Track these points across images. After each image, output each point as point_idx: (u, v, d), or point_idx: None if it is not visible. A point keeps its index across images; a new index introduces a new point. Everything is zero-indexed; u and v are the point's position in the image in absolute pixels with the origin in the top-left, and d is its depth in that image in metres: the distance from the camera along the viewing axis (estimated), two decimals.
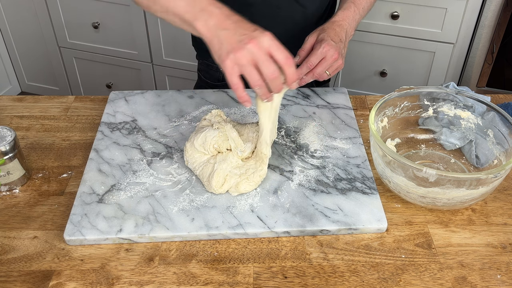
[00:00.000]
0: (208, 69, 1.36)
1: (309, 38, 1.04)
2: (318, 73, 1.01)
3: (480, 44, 1.95)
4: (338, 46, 1.01)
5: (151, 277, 0.78)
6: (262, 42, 0.77)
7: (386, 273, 0.79)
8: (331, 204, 0.88)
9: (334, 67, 1.03)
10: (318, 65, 1.01)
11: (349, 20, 1.08)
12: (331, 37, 1.02)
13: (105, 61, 2.49)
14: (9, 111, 1.15)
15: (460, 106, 1.00)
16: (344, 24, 1.07)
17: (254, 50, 0.77)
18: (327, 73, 1.02)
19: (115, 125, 1.07)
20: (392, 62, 2.13)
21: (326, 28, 1.04)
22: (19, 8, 2.48)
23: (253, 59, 0.78)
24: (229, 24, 0.80)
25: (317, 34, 1.04)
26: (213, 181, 0.88)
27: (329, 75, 1.03)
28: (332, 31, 1.04)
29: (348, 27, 1.07)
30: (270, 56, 0.78)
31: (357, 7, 1.10)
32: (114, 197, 0.89)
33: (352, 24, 1.09)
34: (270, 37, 0.79)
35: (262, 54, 0.77)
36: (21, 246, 0.83)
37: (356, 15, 1.10)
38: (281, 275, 0.78)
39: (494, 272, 0.79)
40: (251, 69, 0.78)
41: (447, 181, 0.81)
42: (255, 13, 1.17)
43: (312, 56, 1.00)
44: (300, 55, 1.03)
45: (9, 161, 0.91)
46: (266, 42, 0.78)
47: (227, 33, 0.79)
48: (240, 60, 0.77)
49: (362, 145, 1.02)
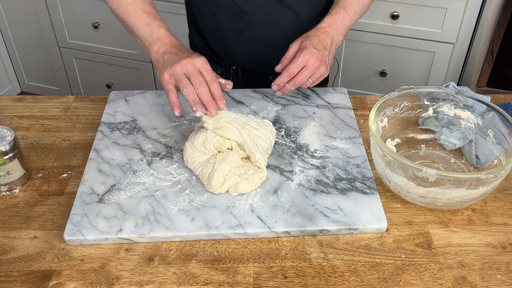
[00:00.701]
0: None
1: (292, 45, 1.03)
2: (300, 81, 1.00)
3: (480, 44, 1.95)
4: (321, 54, 1.00)
5: (151, 277, 0.78)
6: (195, 62, 0.94)
7: (386, 273, 0.79)
8: (331, 204, 0.88)
9: (317, 75, 1.01)
10: (299, 74, 0.99)
11: (336, 26, 1.06)
12: (314, 45, 1.00)
13: (105, 61, 2.49)
14: (9, 111, 1.15)
15: (460, 106, 1.00)
16: (330, 30, 1.05)
17: (187, 67, 0.93)
18: (310, 81, 1.01)
19: (115, 125, 1.07)
20: (392, 62, 2.13)
21: (311, 35, 1.03)
22: (19, 8, 2.48)
23: (186, 72, 0.93)
24: (174, 51, 0.98)
25: (301, 42, 1.02)
26: (213, 180, 0.88)
27: (312, 83, 1.02)
28: (316, 38, 1.02)
29: (334, 33, 1.05)
30: (200, 73, 0.94)
31: (347, 12, 1.08)
32: (114, 197, 0.89)
33: (340, 29, 1.07)
34: (203, 61, 0.95)
35: (194, 70, 0.93)
36: (21, 246, 0.83)
37: (345, 20, 1.07)
38: (281, 275, 0.78)
39: (494, 272, 0.79)
40: (184, 79, 0.93)
41: (447, 181, 0.81)
42: (248, 20, 1.18)
43: (292, 64, 0.99)
44: (282, 63, 1.02)
45: (9, 161, 0.91)
46: (199, 63, 0.94)
47: (170, 56, 0.97)
48: (175, 72, 0.94)
49: (362, 145, 1.02)
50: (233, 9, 1.16)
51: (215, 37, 1.26)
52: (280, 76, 1.00)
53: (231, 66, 1.32)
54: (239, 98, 1.15)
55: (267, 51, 1.24)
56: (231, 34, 1.22)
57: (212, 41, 1.27)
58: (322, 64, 1.00)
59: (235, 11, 1.17)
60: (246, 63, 1.30)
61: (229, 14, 1.18)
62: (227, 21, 1.19)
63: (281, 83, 1.01)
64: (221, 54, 1.29)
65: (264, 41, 1.22)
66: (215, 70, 1.31)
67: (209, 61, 1.32)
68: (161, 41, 1.00)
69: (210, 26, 1.24)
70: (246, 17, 1.17)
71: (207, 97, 0.93)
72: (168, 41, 1.00)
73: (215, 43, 1.27)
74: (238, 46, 1.24)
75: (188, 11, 1.30)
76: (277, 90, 1.03)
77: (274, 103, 1.13)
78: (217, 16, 1.20)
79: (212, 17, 1.21)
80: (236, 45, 1.24)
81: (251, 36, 1.21)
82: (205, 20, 1.24)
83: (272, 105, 1.13)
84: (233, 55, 1.28)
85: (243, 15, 1.17)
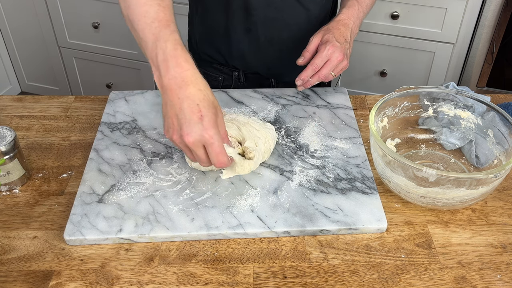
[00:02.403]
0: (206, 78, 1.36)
1: (313, 38, 1.03)
2: (324, 75, 1.01)
3: (480, 44, 1.95)
4: (343, 47, 1.01)
5: (151, 277, 0.78)
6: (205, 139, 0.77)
7: (386, 273, 0.79)
8: (331, 204, 0.88)
9: (339, 68, 1.03)
10: (324, 67, 1.01)
11: (353, 18, 1.08)
12: (336, 38, 1.01)
13: (105, 61, 2.49)
14: (9, 111, 1.15)
15: (460, 106, 1.00)
16: (349, 22, 1.06)
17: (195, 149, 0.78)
18: (332, 74, 1.02)
19: (115, 125, 1.07)
20: (392, 62, 2.13)
21: (331, 28, 1.04)
22: (19, 8, 2.48)
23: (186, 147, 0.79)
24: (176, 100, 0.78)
25: (322, 35, 1.03)
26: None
27: (334, 76, 1.03)
28: (337, 31, 1.03)
29: (353, 26, 1.07)
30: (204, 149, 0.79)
31: (361, 5, 1.10)
32: (114, 197, 0.89)
33: (356, 22, 1.09)
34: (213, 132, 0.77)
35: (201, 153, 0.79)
36: (21, 246, 0.83)
37: (360, 13, 1.09)
38: (281, 275, 0.78)
39: (494, 272, 0.79)
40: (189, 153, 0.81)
41: (447, 181, 0.81)
42: (259, 17, 1.17)
43: (317, 58, 1.00)
44: (304, 56, 1.03)
45: (9, 161, 0.91)
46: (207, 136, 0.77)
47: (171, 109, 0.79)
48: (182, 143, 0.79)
49: (362, 145, 1.02)
50: (244, 6, 1.16)
51: (222, 34, 1.24)
52: (305, 70, 1.01)
53: (233, 72, 1.30)
54: (239, 98, 1.15)
55: (274, 52, 1.24)
56: (239, 31, 1.21)
57: (218, 39, 1.26)
58: (345, 57, 1.02)
59: (246, 8, 1.16)
60: (250, 65, 1.29)
61: (240, 10, 1.17)
62: (236, 18, 1.18)
63: (306, 77, 1.01)
64: (226, 54, 1.27)
65: (272, 40, 1.21)
66: (217, 77, 1.31)
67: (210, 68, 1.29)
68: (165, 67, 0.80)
69: (218, 22, 1.22)
70: (256, 14, 1.16)
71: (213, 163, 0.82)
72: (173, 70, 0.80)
73: (220, 42, 1.26)
74: (244, 45, 1.23)
75: (193, 8, 1.27)
76: (300, 85, 1.03)
77: (274, 103, 1.13)
78: (227, 12, 1.18)
79: (221, 13, 1.20)
80: (243, 44, 1.23)
81: (260, 34, 1.20)
82: (212, 16, 1.23)
83: (272, 105, 1.13)
84: (238, 55, 1.26)
85: (254, 12, 1.16)
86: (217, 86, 1.33)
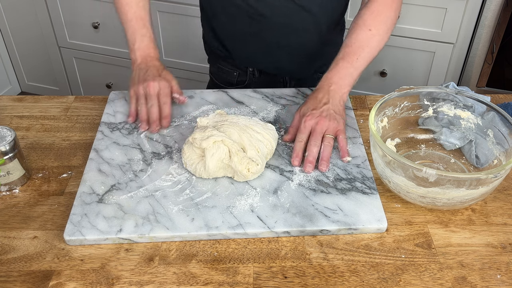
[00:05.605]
0: (219, 72, 1.37)
1: (295, 114, 1.02)
2: (326, 155, 0.95)
3: (480, 44, 1.95)
4: (321, 111, 0.98)
5: (151, 277, 0.78)
6: (155, 86, 1.06)
7: (386, 273, 0.79)
8: (331, 204, 0.88)
9: (331, 131, 0.97)
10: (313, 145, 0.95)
11: (335, 78, 1.03)
12: (313, 107, 0.99)
13: (105, 61, 2.49)
14: (9, 111, 1.15)
15: (460, 106, 1.00)
16: (326, 84, 1.03)
17: (148, 89, 1.06)
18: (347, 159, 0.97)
19: (115, 125, 1.07)
20: (392, 62, 2.13)
21: (308, 99, 1.02)
22: (19, 8, 2.48)
23: (145, 93, 1.07)
24: (145, 66, 1.10)
25: (300, 109, 1.01)
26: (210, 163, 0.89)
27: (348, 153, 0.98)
28: (312, 100, 1.01)
29: (334, 87, 1.02)
30: (157, 96, 1.07)
31: (347, 61, 1.05)
32: (114, 197, 0.89)
33: (340, 81, 1.03)
34: (164, 85, 1.07)
35: (152, 93, 1.06)
36: (21, 246, 0.83)
37: (348, 68, 1.04)
38: (281, 275, 0.78)
39: (494, 272, 0.79)
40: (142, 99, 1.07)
41: (447, 181, 0.81)
42: (267, 25, 1.18)
43: (299, 133, 0.97)
44: (289, 132, 1.01)
45: (9, 161, 0.91)
46: (157, 88, 1.07)
47: (140, 72, 1.10)
48: (138, 91, 1.08)
49: (362, 145, 1.02)
50: (251, 13, 1.16)
51: (230, 38, 1.26)
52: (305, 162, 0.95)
53: (248, 68, 1.32)
54: (239, 98, 1.15)
55: (283, 55, 1.24)
56: (247, 36, 1.22)
57: (227, 42, 1.28)
58: (327, 119, 0.97)
59: (253, 15, 1.17)
60: (260, 66, 1.30)
61: (247, 17, 1.18)
62: (244, 24, 1.20)
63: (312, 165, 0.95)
64: (236, 56, 1.29)
65: (280, 45, 1.22)
66: (232, 72, 1.32)
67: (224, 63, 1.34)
68: (140, 51, 1.12)
69: (226, 27, 1.24)
70: (263, 20, 1.17)
71: (153, 117, 1.04)
72: (145, 53, 1.12)
73: (230, 45, 1.28)
74: (253, 48, 1.24)
75: (203, 12, 1.29)
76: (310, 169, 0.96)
77: (274, 103, 1.13)
78: (234, 18, 1.20)
79: (229, 19, 1.21)
80: (251, 47, 1.24)
81: (268, 39, 1.21)
82: (221, 21, 1.24)
83: (272, 105, 1.13)
84: (248, 57, 1.28)
85: (260, 18, 1.17)
86: (233, 80, 1.35)
